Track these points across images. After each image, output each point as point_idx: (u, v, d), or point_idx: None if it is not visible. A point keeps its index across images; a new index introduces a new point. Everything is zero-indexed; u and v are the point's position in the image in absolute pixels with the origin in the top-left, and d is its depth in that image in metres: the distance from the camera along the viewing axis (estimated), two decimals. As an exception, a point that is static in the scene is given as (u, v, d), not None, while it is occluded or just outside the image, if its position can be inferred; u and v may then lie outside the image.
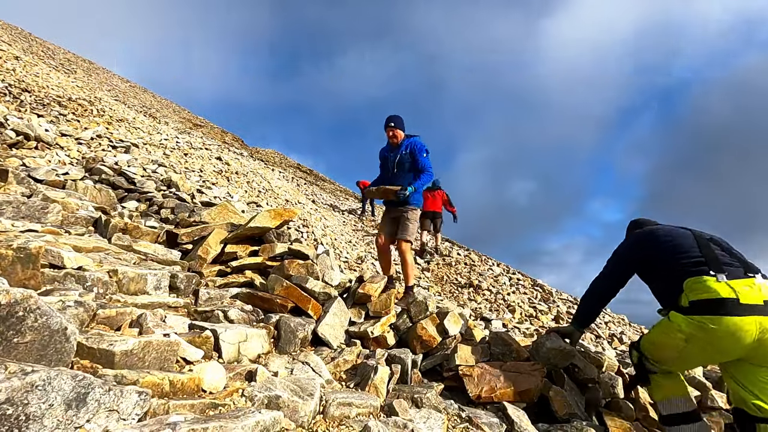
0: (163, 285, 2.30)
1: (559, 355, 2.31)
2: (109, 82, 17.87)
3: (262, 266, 2.98)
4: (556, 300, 7.75)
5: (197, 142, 10.70)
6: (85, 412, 0.96)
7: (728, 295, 1.62)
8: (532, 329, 5.93)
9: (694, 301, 1.70)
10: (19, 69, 8.63)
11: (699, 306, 1.68)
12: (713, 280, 1.67)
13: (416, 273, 3.64)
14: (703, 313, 1.66)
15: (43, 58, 14.28)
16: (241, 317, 2.22)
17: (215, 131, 20.88)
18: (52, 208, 2.67)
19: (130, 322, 1.70)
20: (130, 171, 4.59)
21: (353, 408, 1.58)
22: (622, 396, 2.30)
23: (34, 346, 1.13)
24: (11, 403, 0.84)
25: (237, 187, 7.87)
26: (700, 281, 1.71)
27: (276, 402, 1.40)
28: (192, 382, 1.40)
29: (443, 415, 1.79)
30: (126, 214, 3.60)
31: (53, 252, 1.94)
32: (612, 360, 2.50)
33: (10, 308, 1.10)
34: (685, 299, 1.74)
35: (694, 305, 1.70)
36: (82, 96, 8.85)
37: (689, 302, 1.72)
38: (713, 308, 1.64)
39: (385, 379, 1.93)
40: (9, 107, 5.84)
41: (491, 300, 7.27)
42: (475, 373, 2.15)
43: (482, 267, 9.08)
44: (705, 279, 1.69)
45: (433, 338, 2.52)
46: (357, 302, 2.72)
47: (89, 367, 1.27)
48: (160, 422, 1.06)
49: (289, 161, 23.98)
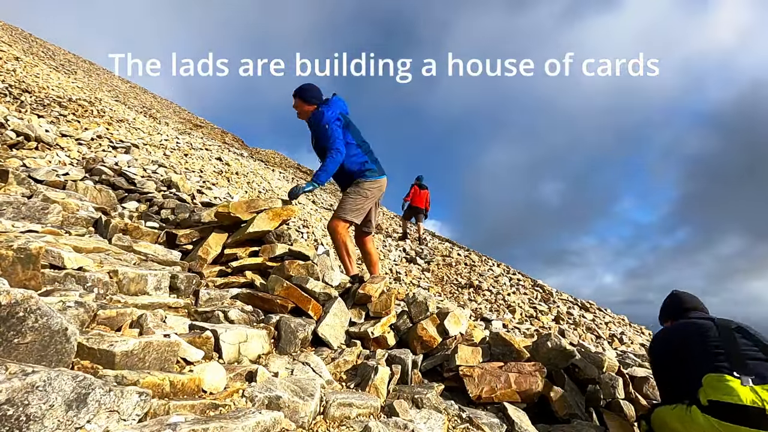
0: (164, 285, 2.30)
1: (559, 356, 2.31)
2: (109, 82, 17.88)
3: (263, 267, 2.98)
4: (556, 300, 7.75)
5: (197, 143, 10.70)
6: (85, 412, 0.96)
7: (753, 404, 1.44)
8: (533, 329, 5.94)
9: (714, 402, 1.53)
10: (19, 70, 8.63)
11: (719, 409, 1.52)
12: (738, 382, 1.50)
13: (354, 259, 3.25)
14: (722, 418, 1.50)
15: (43, 59, 14.29)
16: (242, 318, 2.22)
17: (215, 132, 20.89)
18: (52, 209, 2.67)
19: (130, 322, 1.70)
20: (131, 171, 4.59)
21: (354, 408, 1.58)
22: (623, 396, 2.30)
23: (35, 346, 1.13)
24: (11, 404, 0.84)
25: (237, 187, 7.87)
26: (722, 380, 1.53)
27: (276, 402, 1.40)
28: (192, 382, 1.40)
29: (444, 415, 1.79)
30: (126, 214, 3.60)
31: (53, 252, 1.94)
32: (612, 360, 2.50)
33: (10, 309, 1.10)
34: (704, 396, 1.57)
35: (713, 406, 1.53)
36: (83, 96, 8.85)
37: (708, 401, 1.55)
38: (735, 416, 1.47)
39: (385, 380, 1.93)
40: (9, 108, 5.85)
41: (491, 300, 7.27)
42: (475, 374, 2.15)
43: (482, 267, 9.09)
44: (728, 379, 1.52)
45: (433, 339, 2.52)
46: (357, 303, 2.72)
47: (90, 368, 1.27)
48: (161, 423, 1.06)
49: (290, 162, 23.99)
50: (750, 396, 1.46)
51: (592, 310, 7.70)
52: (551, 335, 2.42)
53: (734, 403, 1.48)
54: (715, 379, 1.56)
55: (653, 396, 2.38)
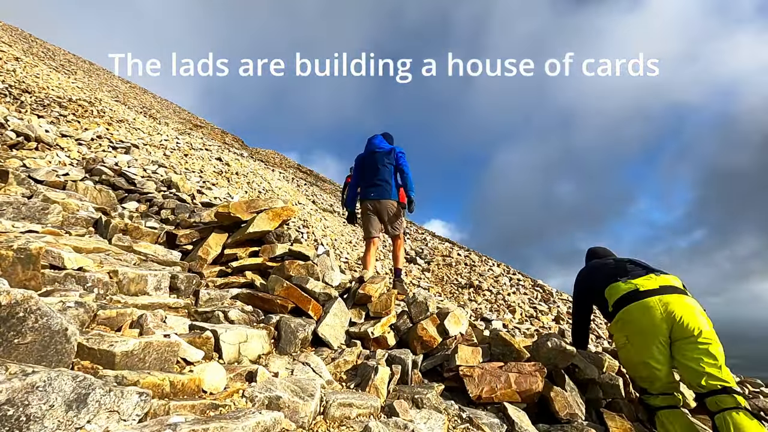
0: (164, 286, 2.30)
1: (559, 356, 2.30)
2: (109, 83, 17.89)
3: (263, 267, 2.98)
4: (556, 300, 7.75)
5: (197, 143, 10.71)
6: (85, 413, 0.96)
7: (630, 289, 2.10)
8: (533, 329, 5.93)
9: (613, 303, 2.16)
10: (19, 70, 8.64)
11: (616, 305, 2.14)
12: (621, 283, 2.16)
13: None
14: (619, 309, 2.11)
15: (43, 59, 14.30)
16: (242, 318, 2.22)
17: (215, 132, 20.90)
18: (52, 209, 2.67)
19: (130, 322, 1.70)
20: (131, 172, 4.59)
21: (354, 409, 1.58)
22: (623, 396, 2.29)
23: (35, 347, 1.13)
24: (12, 404, 0.85)
25: (237, 187, 7.88)
26: (612, 287, 2.19)
27: (276, 403, 1.40)
28: (192, 382, 1.40)
29: (444, 415, 1.78)
30: (126, 214, 3.60)
31: (53, 253, 1.94)
32: (612, 360, 2.49)
33: (10, 309, 1.10)
34: (609, 306, 2.19)
35: (614, 307, 2.15)
36: (83, 97, 8.85)
37: (611, 306, 2.17)
38: (624, 302, 2.09)
39: (385, 380, 1.93)
40: (9, 108, 5.85)
41: (492, 300, 7.27)
42: (475, 374, 2.15)
43: (482, 267, 9.09)
44: (615, 285, 2.19)
45: (433, 339, 2.52)
46: (357, 303, 2.71)
47: (90, 368, 1.27)
48: (161, 423, 1.06)
49: (289, 162, 23.99)
50: (628, 286, 2.12)
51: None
52: (551, 335, 2.42)
53: (621, 295, 2.13)
54: (609, 289, 2.22)
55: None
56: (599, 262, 2.54)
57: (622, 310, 2.08)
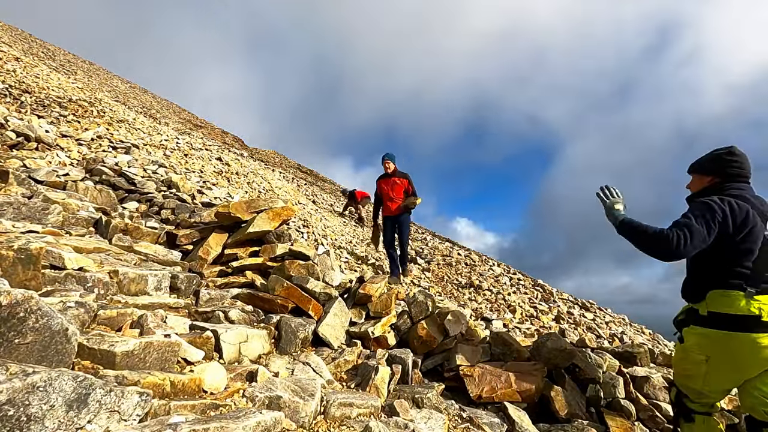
0: (164, 286, 2.30)
1: (560, 355, 2.31)
2: (109, 82, 17.89)
3: (263, 267, 2.98)
4: (556, 300, 7.75)
5: (197, 143, 10.71)
6: (86, 413, 0.96)
7: (751, 314, 1.56)
8: (533, 329, 5.93)
9: (716, 312, 1.65)
10: (19, 70, 8.64)
11: (720, 318, 1.63)
12: (742, 296, 1.60)
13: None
14: (720, 324, 1.63)
15: (43, 60, 14.30)
16: (242, 318, 2.22)
17: (215, 132, 20.90)
18: (52, 209, 2.67)
19: (130, 322, 1.70)
20: (131, 172, 4.59)
21: (354, 408, 1.58)
22: (623, 396, 2.29)
23: (35, 347, 1.13)
24: (12, 404, 0.85)
25: (237, 187, 7.88)
26: (728, 296, 1.63)
27: (277, 402, 1.40)
28: (193, 382, 1.40)
29: (444, 415, 1.79)
30: (126, 214, 3.60)
31: (54, 253, 1.94)
32: (613, 360, 2.50)
33: (11, 309, 1.10)
34: (706, 305, 1.68)
35: (715, 316, 1.65)
36: (83, 97, 8.86)
37: (709, 308, 1.67)
38: (733, 323, 1.59)
39: (385, 380, 1.93)
40: (9, 108, 5.85)
41: (492, 300, 7.27)
42: (475, 373, 2.15)
43: (483, 267, 9.09)
44: (734, 294, 1.61)
45: (433, 338, 2.52)
46: (357, 303, 2.72)
47: (90, 368, 1.27)
48: (161, 423, 1.06)
49: (290, 161, 23.99)
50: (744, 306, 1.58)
51: (593, 309, 7.70)
52: (551, 335, 2.42)
53: (732, 312, 1.60)
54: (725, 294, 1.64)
55: (653, 396, 2.38)
56: (754, 210, 1.67)
57: (726, 333, 1.61)
